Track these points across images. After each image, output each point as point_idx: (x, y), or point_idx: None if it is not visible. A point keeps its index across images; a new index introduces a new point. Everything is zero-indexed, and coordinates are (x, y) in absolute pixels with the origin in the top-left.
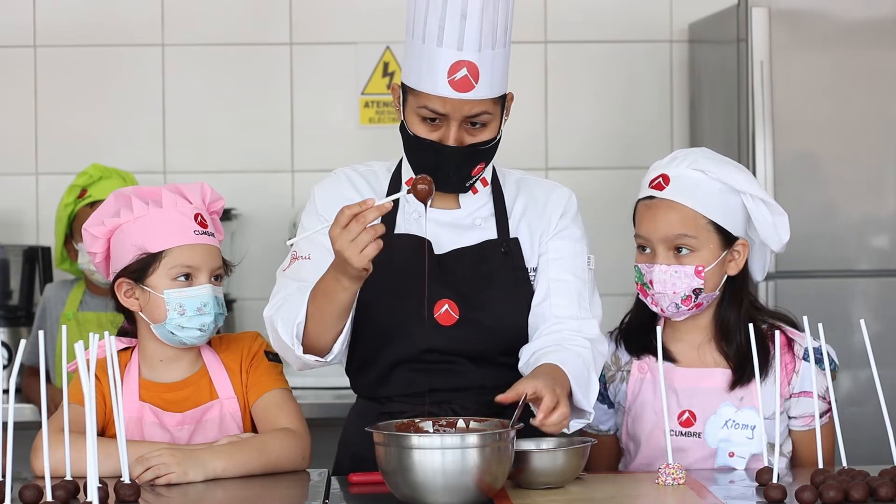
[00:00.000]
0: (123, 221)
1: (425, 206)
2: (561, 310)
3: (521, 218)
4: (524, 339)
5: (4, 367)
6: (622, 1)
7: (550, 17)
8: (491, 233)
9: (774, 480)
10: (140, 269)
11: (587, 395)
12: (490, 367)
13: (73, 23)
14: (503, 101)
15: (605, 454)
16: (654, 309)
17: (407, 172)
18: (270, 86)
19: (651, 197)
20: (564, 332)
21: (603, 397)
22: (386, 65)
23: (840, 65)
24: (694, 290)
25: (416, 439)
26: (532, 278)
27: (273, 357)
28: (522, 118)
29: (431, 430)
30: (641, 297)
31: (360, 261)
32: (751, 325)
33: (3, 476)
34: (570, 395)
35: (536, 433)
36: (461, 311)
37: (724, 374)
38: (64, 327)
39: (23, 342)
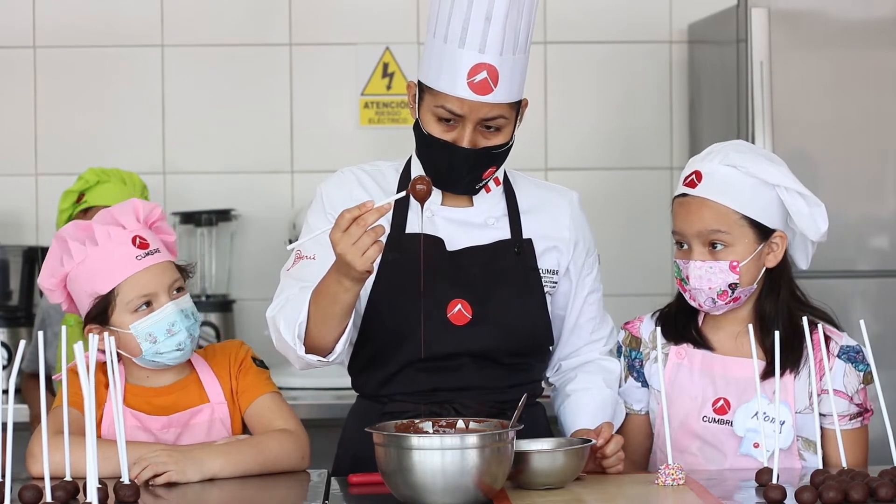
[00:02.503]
0: (68, 269)
1: (422, 206)
2: (590, 332)
3: (532, 220)
4: (534, 341)
5: (4, 367)
6: (622, 1)
7: (550, 17)
8: (504, 233)
9: (774, 481)
10: (100, 313)
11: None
12: (494, 368)
13: (73, 23)
14: (518, 107)
15: (638, 433)
16: (693, 304)
17: (416, 171)
18: (270, 86)
19: (685, 194)
20: (596, 360)
21: (638, 374)
22: (386, 65)
23: (839, 65)
24: (730, 285)
25: (415, 440)
26: (543, 280)
27: (260, 363)
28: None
29: (431, 431)
30: (681, 291)
31: (362, 264)
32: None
33: (3, 476)
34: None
35: (535, 434)
36: (474, 311)
37: (761, 365)
38: (63, 328)
39: (22, 343)
